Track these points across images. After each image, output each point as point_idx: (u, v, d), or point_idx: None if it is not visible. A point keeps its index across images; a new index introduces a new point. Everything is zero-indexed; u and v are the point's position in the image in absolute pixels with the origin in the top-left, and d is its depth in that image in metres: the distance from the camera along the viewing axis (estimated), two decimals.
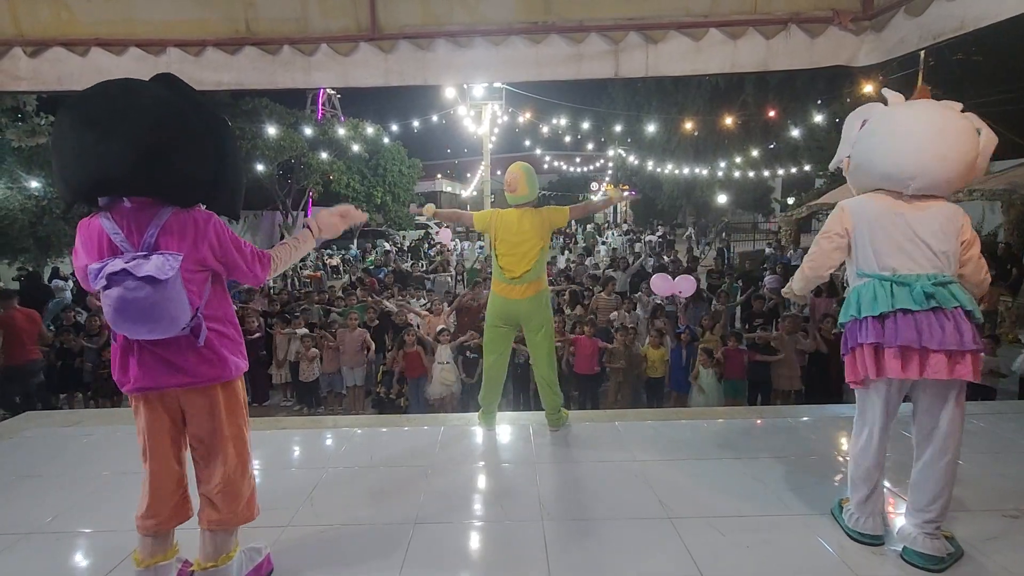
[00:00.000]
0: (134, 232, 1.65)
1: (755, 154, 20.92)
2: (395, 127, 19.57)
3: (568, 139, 21.91)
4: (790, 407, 4.67)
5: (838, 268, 2.26)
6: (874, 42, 3.41)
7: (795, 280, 2.36)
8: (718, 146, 22.76)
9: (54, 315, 8.46)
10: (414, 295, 8.61)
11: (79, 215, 1.97)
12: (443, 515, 2.42)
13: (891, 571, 2.00)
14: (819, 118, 15.30)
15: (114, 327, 1.66)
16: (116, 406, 5.73)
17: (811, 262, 2.19)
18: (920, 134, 1.92)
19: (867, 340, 1.98)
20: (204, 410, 1.78)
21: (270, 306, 7.92)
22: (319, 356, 6.28)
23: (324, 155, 21.45)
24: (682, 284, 6.99)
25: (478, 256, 14.82)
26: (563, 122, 19.99)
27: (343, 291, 9.25)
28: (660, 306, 7.10)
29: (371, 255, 19.15)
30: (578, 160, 35.46)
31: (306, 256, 18.69)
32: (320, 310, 7.73)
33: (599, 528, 2.30)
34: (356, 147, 21.79)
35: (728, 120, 16.71)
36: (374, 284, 9.84)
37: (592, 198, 35.89)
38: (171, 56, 3.50)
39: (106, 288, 1.58)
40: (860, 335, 2.01)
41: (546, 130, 20.59)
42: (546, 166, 33.36)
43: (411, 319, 6.57)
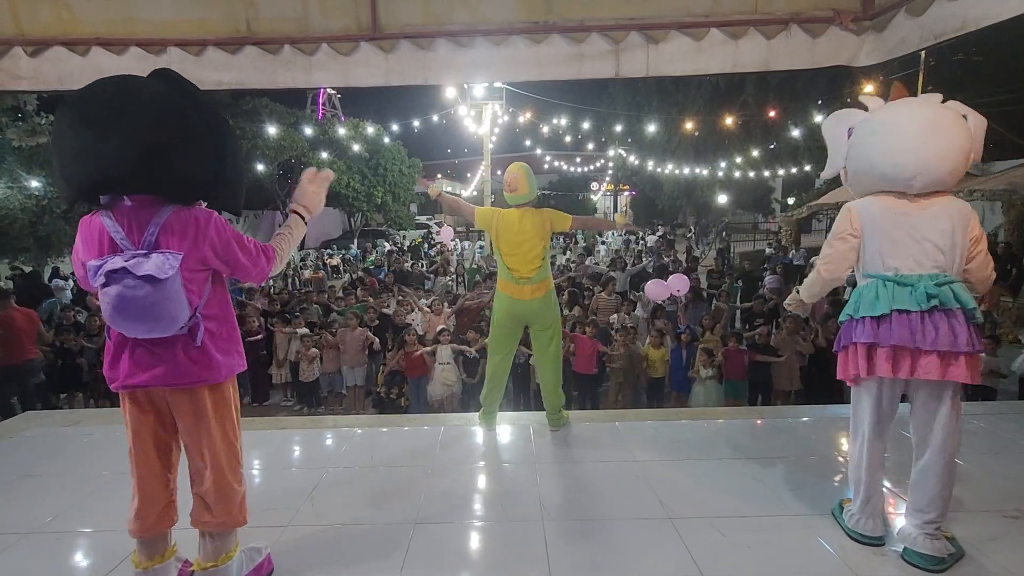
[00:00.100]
0: (135, 230, 1.64)
1: (755, 154, 20.91)
2: (395, 127, 19.57)
3: (568, 139, 21.92)
4: (790, 407, 4.67)
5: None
6: (875, 42, 3.41)
7: (807, 286, 2.27)
8: (718, 146, 22.75)
9: (47, 314, 8.45)
10: (414, 295, 8.60)
11: (80, 214, 1.95)
12: (443, 515, 2.42)
13: (892, 572, 2.00)
14: (819, 118, 15.28)
15: (112, 325, 1.66)
16: (116, 405, 5.70)
17: (828, 265, 2.13)
18: (915, 133, 1.92)
19: (861, 339, 2.00)
20: (190, 411, 1.75)
21: (270, 306, 7.92)
22: (319, 356, 6.28)
23: (324, 155, 21.42)
24: (675, 283, 6.89)
25: (478, 256, 14.82)
26: (563, 122, 20.00)
27: (343, 291, 9.24)
28: (660, 306, 7.09)
29: (372, 255, 19.14)
30: (578, 160, 35.45)
31: (306, 256, 18.73)
32: (319, 310, 7.73)
33: (600, 528, 2.30)
34: (356, 147, 21.79)
35: (728, 120, 16.72)
36: (374, 284, 9.85)
37: (593, 198, 35.98)
38: (172, 56, 3.50)
39: (105, 286, 1.58)
40: (854, 334, 2.03)
41: (546, 130, 20.60)
42: (546, 166, 33.33)
43: (411, 319, 6.57)
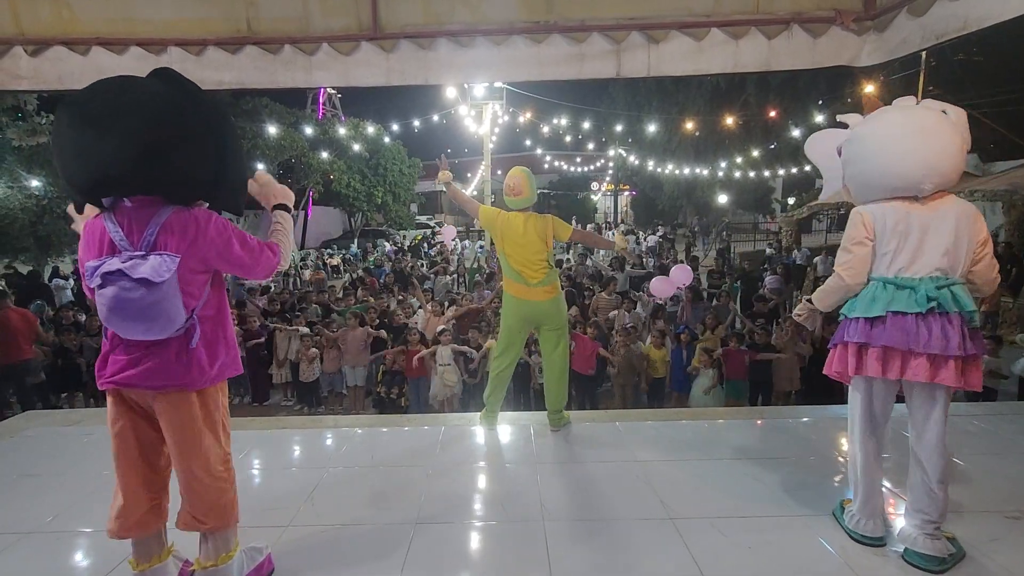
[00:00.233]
0: (134, 231, 1.63)
1: (756, 154, 20.90)
2: (396, 127, 19.56)
3: (569, 139, 21.92)
4: (790, 407, 4.67)
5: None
6: (876, 42, 3.40)
7: (825, 295, 2.17)
8: (719, 146, 22.73)
9: (37, 316, 8.43)
10: (414, 294, 8.61)
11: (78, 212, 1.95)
12: (444, 515, 2.42)
13: (893, 572, 2.00)
14: (820, 118, 15.28)
15: (107, 325, 1.65)
16: None
17: (850, 271, 2.05)
18: (910, 140, 1.92)
19: (852, 339, 2.02)
20: (175, 415, 1.71)
21: (270, 306, 7.92)
22: (319, 356, 6.27)
23: (324, 155, 21.46)
24: (678, 275, 6.77)
25: (478, 256, 14.80)
26: (564, 122, 19.99)
27: (343, 291, 9.24)
28: (661, 306, 7.09)
29: (372, 255, 19.15)
30: (579, 160, 35.44)
31: (306, 256, 18.74)
32: (319, 310, 7.73)
33: (601, 528, 2.30)
34: (356, 147, 21.81)
35: (729, 120, 16.71)
36: (374, 284, 9.85)
37: (593, 198, 35.96)
38: (172, 55, 3.50)
39: (101, 287, 1.57)
40: (846, 333, 2.05)
41: (547, 130, 20.59)
42: (547, 166, 33.34)
43: (412, 322, 6.57)
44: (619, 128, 23.58)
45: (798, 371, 5.48)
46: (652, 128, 21.07)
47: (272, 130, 17.97)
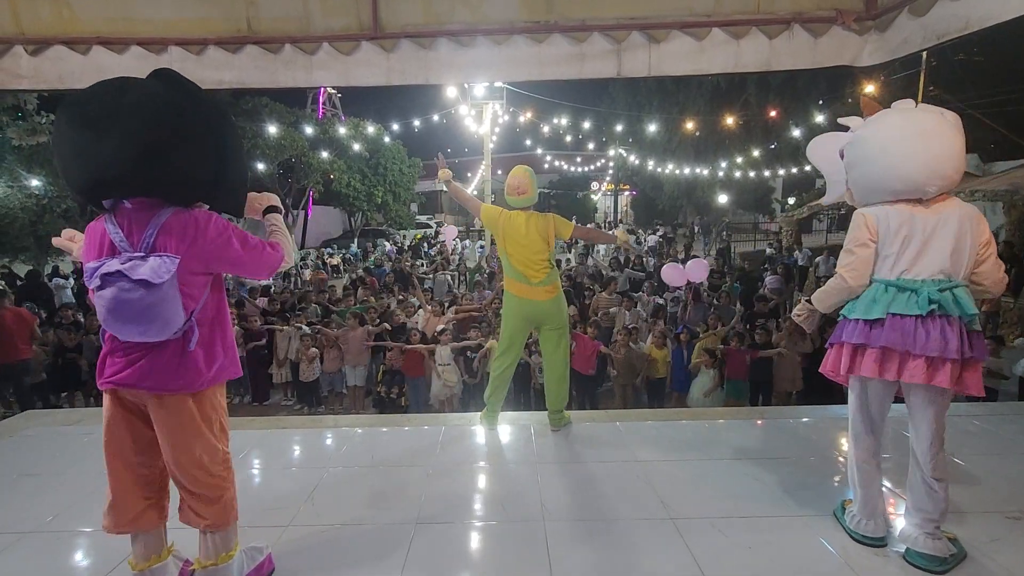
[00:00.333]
0: (134, 232, 1.63)
1: (756, 154, 20.88)
2: (396, 126, 19.52)
3: (569, 139, 21.88)
4: (790, 407, 4.67)
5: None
6: (878, 42, 3.40)
7: (825, 296, 2.16)
8: (719, 146, 22.70)
9: None
10: (414, 294, 8.60)
11: (80, 214, 1.96)
12: (444, 515, 2.42)
13: (894, 572, 2.00)
14: (820, 118, 15.28)
15: (106, 327, 1.64)
16: None
17: (852, 272, 2.04)
18: (912, 143, 1.92)
19: (849, 339, 2.02)
20: (169, 417, 1.70)
21: (270, 305, 7.92)
22: (319, 356, 6.27)
23: (325, 154, 21.44)
24: (694, 269, 6.58)
25: (478, 255, 14.79)
26: (564, 122, 19.97)
27: (343, 291, 9.23)
28: (661, 306, 7.09)
29: (372, 254, 19.15)
30: (579, 160, 35.42)
31: (306, 256, 18.74)
32: (319, 310, 7.73)
33: (601, 528, 2.29)
34: (357, 146, 21.79)
35: (729, 120, 16.70)
36: (374, 284, 9.85)
37: (593, 198, 35.92)
38: (172, 55, 3.50)
39: (100, 288, 1.57)
40: (844, 333, 2.06)
41: (547, 130, 20.57)
42: (547, 166, 33.31)
43: (412, 322, 6.57)
44: (619, 128, 23.55)
45: (800, 371, 5.48)
46: (652, 128, 21.04)
47: (272, 130, 17.96)
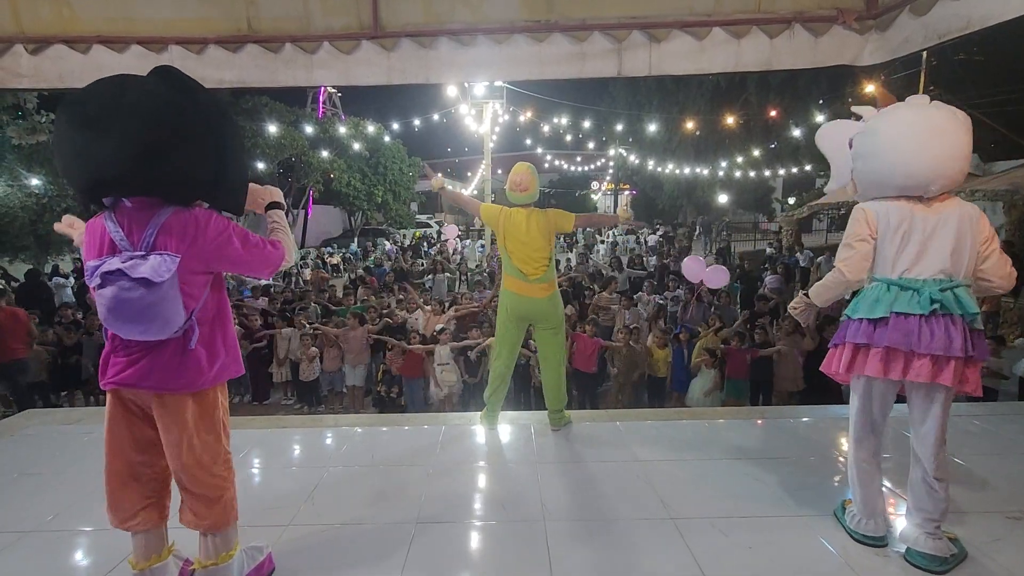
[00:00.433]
0: (134, 231, 1.62)
1: (756, 154, 20.88)
2: (396, 125, 19.52)
3: (569, 138, 21.87)
4: (790, 407, 4.66)
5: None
6: (878, 41, 3.40)
7: (822, 290, 2.17)
8: (719, 145, 22.71)
9: None
10: (409, 297, 8.59)
11: (79, 213, 1.95)
12: (445, 515, 2.42)
13: (894, 572, 2.00)
14: (821, 118, 15.27)
15: (107, 326, 1.64)
16: None
17: (850, 266, 2.05)
18: (923, 139, 1.91)
19: (853, 339, 2.02)
20: (172, 417, 1.71)
21: (270, 305, 7.92)
22: (319, 355, 6.27)
23: (325, 153, 21.44)
24: (712, 276, 6.46)
25: (479, 254, 14.77)
26: (564, 121, 19.96)
27: (344, 290, 9.23)
28: (662, 306, 7.09)
29: (372, 254, 19.14)
30: (579, 159, 35.40)
31: (306, 255, 18.72)
32: (319, 309, 7.72)
33: (601, 528, 2.29)
34: (357, 145, 21.78)
35: (729, 119, 16.70)
36: (374, 283, 9.84)
37: (593, 197, 35.89)
38: (173, 54, 3.49)
39: (100, 287, 1.57)
40: (847, 333, 2.05)
41: (547, 129, 20.56)
42: (547, 165, 33.29)
43: (412, 321, 6.56)
44: (619, 127, 23.56)
45: (801, 370, 5.48)
46: (652, 127, 21.06)
47: (272, 129, 17.95)
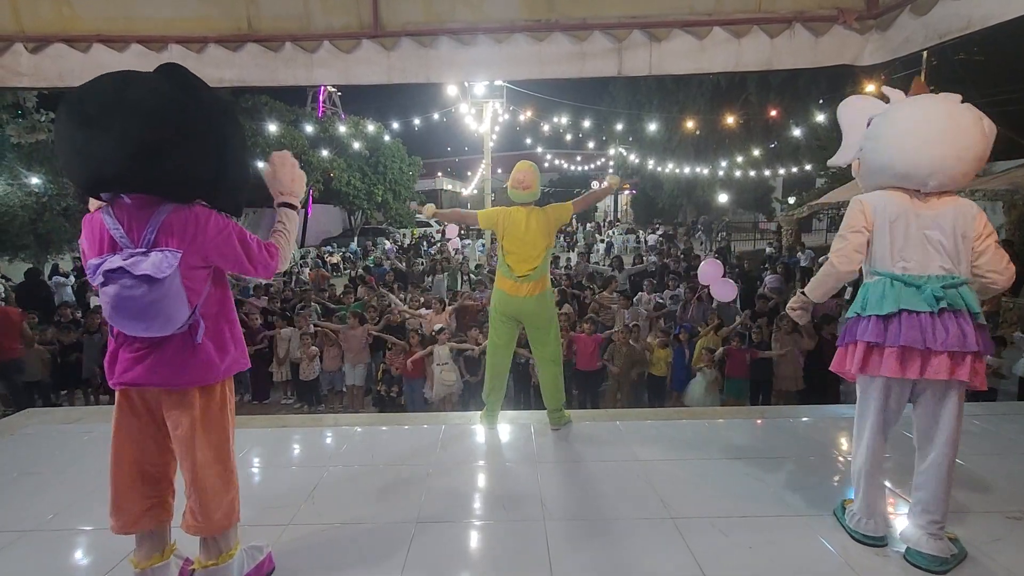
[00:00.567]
0: (134, 228, 1.63)
1: (756, 153, 20.88)
2: (396, 125, 19.51)
3: (569, 137, 21.88)
4: (790, 407, 4.66)
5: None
6: (879, 41, 3.39)
7: (817, 284, 2.18)
8: (719, 145, 22.71)
9: None
10: (412, 293, 8.60)
11: (80, 212, 1.96)
12: (445, 515, 2.42)
13: (894, 572, 1.99)
14: (821, 117, 15.26)
15: (111, 323, 1.65)
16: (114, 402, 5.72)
17: (842, 258, 2.05)
18: (935, 131, 1.90)
19: (863, 338, 1.99)
20: (182, 413, 1.71)
21: (270, 304, 7.91)
22: (319, 354, 6.27)
23: (325, 153, 21.42)
24: (721, 290, 6.26)
25: (479, 254, 14.75)
26: (564, 120, 19.96)
27: (344, 289, 9.22)
28: (662, 304, 7.09)
29: (372, 253, 19.13)
30: (579, 158, 35.43)
31: (306, 255, 18.71)
32: (319, 308, 7.72)
33: (601, 528, 2.29)
34: (357, 145, 21.79)
35: (729, 119, 16.69)
36: (373, 283, 9.83)
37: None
38: (173, 53, 3.49)
39: (103, 285, 1.57)
40: (858, 332, 2.02)
41: (547, 128, 20.56)
42: (547, 164, 33.30)
43: (410, 322, 6.56)
44: (619, 127, 23.56)
45: (801, 370, 5.48)
46: (652, 127, 21.06)
47: (272, 128, 17.94)
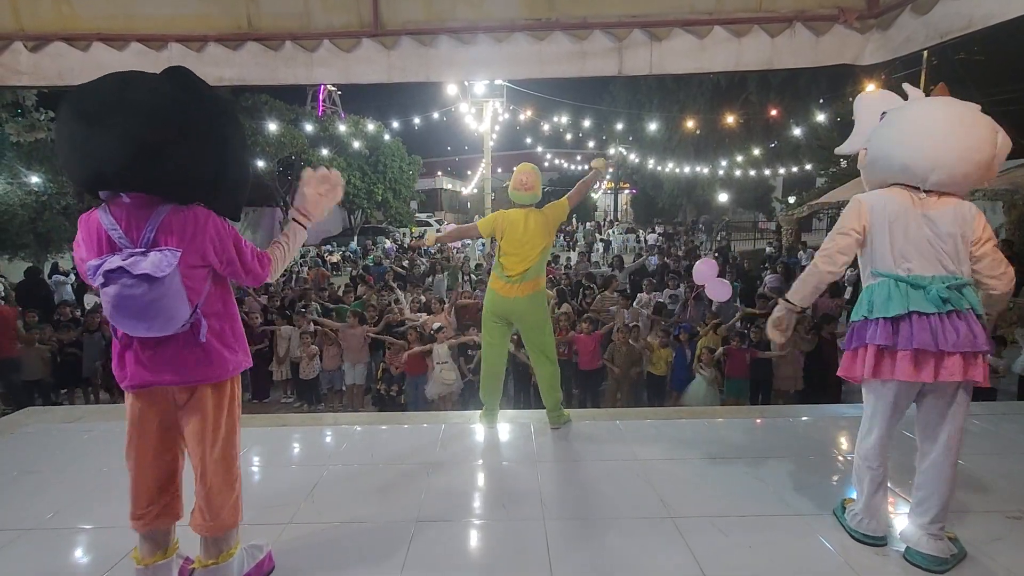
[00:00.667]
0: (132, 228, 1.63)
1: (756, 153, 20.89)
2: (396, 124, 19.52)
3: (569, 137, 21.89)
4: (790, 407, 4.66)
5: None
6: (880, 40, 3.39)
7: (800, 287, 2.13)
8: (719, 144, 22.74)
9: None
10: (412, 292, 8.60)
11: (79, 210, 1.96)
12: (445, 514, 2.42)
13: (894, 571, 1.99)
14: (821, 117, 15.27)
15: (113, 323, 1.65)
16: (116, 402, 5.72)
17: (826, 259, 2.05)
18: (942, 129, 1.90)
19: (874, 341, 1.95)
20: (194, 410, 1.74)
21: (270, 303, 7.92)
22: (319, 353, 6.27)
23: (324, 152, 21.45)
24: (716, 290, 6.18)
25: (479, 254, 14.75)
26: (564, 120, 19.97)
27: (344, 288, 9.22)
28: (662, 304, 7.09)
29: (372, 252, 19.13)
30: (579, 158, 35.36)
31: (306, 254, 18.68)
32: (319, 307, 7.71)
33: (601, 527, 2.29)
34: (357, 144, 21.81)
35: (730, 119, 16.70)
36: (372, 282, 9.83)
37: (593, 196, 35.92)
38: (172, 51, 3.48)
39: (104, 285, 1.57)
40: (867, 335, 1.98)
41: (547, 128, 20.57)
42: (547, 164, 33.29)
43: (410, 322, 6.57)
44: (619, 126, 23.59)
45: (801, 370, 5.48)
46: (653, 126, 21.09)
47: (272, 127, 17.96)
